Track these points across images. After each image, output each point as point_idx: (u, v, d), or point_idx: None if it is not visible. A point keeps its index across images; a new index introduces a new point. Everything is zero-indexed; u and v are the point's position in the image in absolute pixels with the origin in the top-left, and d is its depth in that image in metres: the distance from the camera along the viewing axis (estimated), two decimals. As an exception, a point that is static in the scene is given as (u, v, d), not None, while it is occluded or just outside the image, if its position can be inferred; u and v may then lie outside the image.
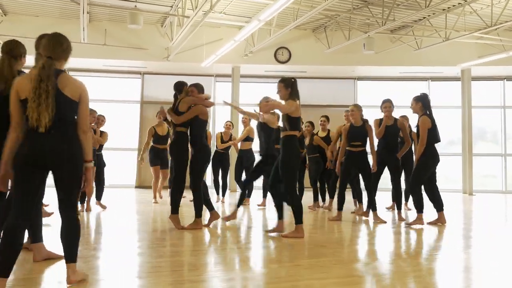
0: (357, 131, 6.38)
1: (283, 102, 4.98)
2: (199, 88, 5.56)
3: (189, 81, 5.81)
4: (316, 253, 4.23)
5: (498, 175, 13.13)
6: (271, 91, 14.30)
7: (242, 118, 8.14)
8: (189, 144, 5.49)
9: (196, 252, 4.20)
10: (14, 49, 3.41)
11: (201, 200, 5.43)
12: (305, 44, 11.84)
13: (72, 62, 11.47)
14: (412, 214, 6.70)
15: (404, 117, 7.85)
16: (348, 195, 6.89)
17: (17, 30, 10.87)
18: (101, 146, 7.12)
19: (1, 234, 2.76)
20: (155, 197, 8.50)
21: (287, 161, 4.84)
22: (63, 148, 2.74)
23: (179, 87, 5.61)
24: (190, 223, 5.48)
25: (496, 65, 11.40)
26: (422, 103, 5.94)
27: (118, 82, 12.98)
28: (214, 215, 5.69)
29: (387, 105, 6.72)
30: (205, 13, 8.47)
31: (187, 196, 6.88)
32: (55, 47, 2.85)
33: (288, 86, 4.89)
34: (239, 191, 7.44)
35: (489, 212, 8.62)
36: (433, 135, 5.90)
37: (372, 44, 10.73)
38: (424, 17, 10.13)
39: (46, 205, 6.05)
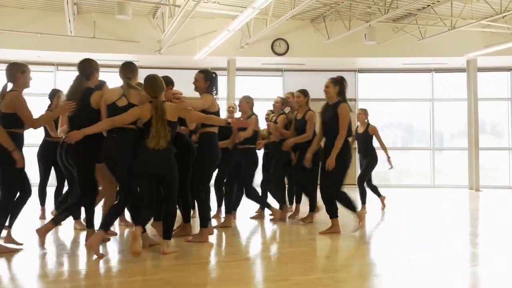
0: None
1: (198, 95, 4.71)
2: (168, 81, 5.05)
3: (183, 75, 5.35)
4: (317, 267, 3.78)
5: (502, 169, 12.67)
6: (269, 84, 13.71)
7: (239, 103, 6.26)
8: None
9: (181, 268, 3.74)
10: (85, 69, 4.30)
11: (189, 204, 4.98)
12: (303, 35, 11.33)
13: (60, 57, 10.79)
14: None
15: (363, 110, 7.23)
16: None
17: (2, 23, 10.40)
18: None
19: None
20: None
21: (203, 160, 4.58)
22: (165, 161, 3.95)
23: None
24: (194, 234, 4.80)
25: (503, 55, 10.89)
26: (340, 88, 5.09)
27: (110, 77, 12.40)
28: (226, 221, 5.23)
29: (296, 95, 6.09)
30: (197, 2, 7.98)
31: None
32: (155, 88, 3.97)
33: (208, 79, 4.62)
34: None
35: (499, 210, 8.17)
36: (350, 129, 5.06)
37: (374, 34, 10.21)
38: (429, 5, 9.61)
39: None
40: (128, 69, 4.24)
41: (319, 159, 5.31)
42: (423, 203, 9.01)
